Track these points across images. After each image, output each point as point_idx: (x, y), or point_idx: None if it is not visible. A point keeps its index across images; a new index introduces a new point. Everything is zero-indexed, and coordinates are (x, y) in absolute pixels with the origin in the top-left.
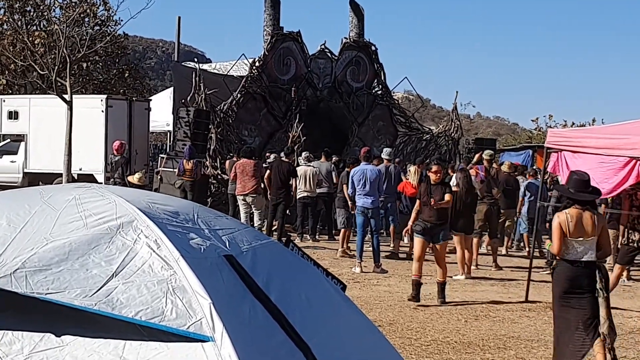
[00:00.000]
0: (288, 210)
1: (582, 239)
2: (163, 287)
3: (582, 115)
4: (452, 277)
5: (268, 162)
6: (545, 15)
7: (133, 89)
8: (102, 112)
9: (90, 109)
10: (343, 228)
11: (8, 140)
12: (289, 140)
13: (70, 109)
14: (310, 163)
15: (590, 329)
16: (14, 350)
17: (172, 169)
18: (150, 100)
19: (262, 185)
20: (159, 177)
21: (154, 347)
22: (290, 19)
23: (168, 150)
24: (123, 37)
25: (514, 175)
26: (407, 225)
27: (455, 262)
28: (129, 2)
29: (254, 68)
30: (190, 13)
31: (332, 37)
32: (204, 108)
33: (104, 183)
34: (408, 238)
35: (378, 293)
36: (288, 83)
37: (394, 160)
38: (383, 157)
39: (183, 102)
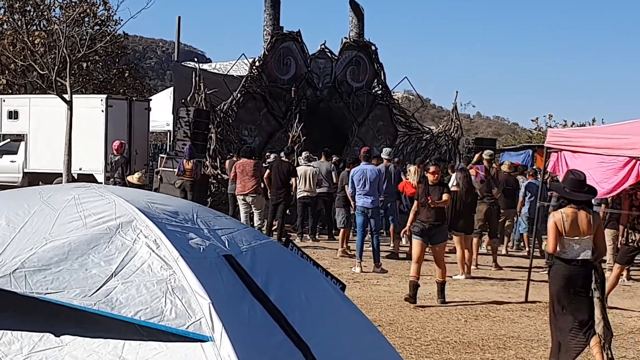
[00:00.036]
0: (288, 210)
1: (577, 238)
2: (162, 287)
3: (582, 115)
4: (452, 277)
5: (268, 162)
6: (545, 15)
7: (133, 89)
8: (102, 112)
9: (90, 109)
10: (343, 228)
11: (8, 140)
12: (289, 140)
13: (70, 109)
14: (310, 163)
15: (587, 328)
16: (13, 350)
17: (172, 169)
18: (150, 100)
19: (262, 185)
20: (159, 177)
21: (153, 347)
22: (290, 19)
23: (168, 150)
24: (123, 36)
25: (514, 175)
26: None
27: (455, 262)
28: (129, 2)
29: (254, 68)
30: (190, 13)
31: (332, 37)
32: (204, 108)
33: (104, 183)
34: (406, 239)
35: (378, 293)
36: (288, 83)
37: (394, 160)
38: (383, 156)
39: (183, 102)
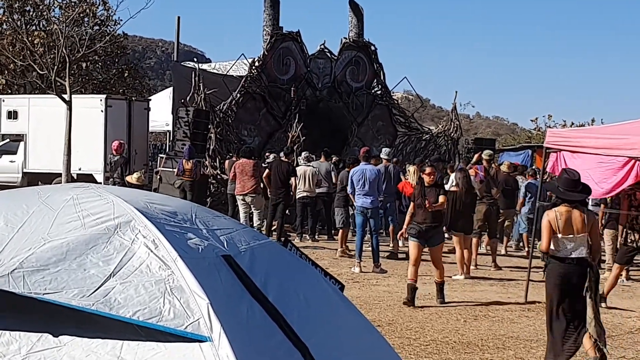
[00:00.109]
0: (287, 210)
1: (571, 236)
2: (161, 287)
3: (581, 115)
4: (451, 277)
5: (267, 162)
6: (545, 15)
7: (132, 89)
8: (101, 112)
9: (90, 109)
10: (342, 228)
11: (7, 140)
12: (289, 140)
13: (70, 109)
14: (310, 163)
15: (580, 328)
16: (12, 351)
17: (171, 169)
18: (150, 100)
19: (261, 185)
20: (159, 177)
21: (152, 347)
22: (290, 19)
23: (167, 150)
24: (122, 36)
25: (513, 175)
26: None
27: (455, 262)
28: (129, 2)
29: (254, 68)
30: (190, 13)
31: (331, 37)
32: (204, 108)
33: (103, 183)
34: (403, 241)
35: (377, 293)
36: (287, 83)
37: (393, 160)
38: (382, 157)
39: (182, 102)
